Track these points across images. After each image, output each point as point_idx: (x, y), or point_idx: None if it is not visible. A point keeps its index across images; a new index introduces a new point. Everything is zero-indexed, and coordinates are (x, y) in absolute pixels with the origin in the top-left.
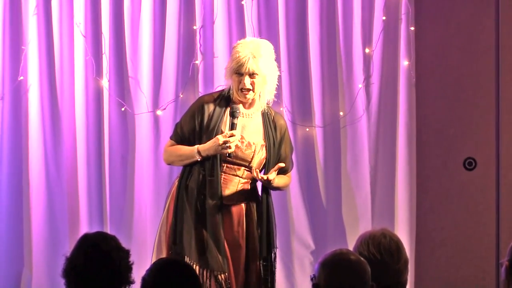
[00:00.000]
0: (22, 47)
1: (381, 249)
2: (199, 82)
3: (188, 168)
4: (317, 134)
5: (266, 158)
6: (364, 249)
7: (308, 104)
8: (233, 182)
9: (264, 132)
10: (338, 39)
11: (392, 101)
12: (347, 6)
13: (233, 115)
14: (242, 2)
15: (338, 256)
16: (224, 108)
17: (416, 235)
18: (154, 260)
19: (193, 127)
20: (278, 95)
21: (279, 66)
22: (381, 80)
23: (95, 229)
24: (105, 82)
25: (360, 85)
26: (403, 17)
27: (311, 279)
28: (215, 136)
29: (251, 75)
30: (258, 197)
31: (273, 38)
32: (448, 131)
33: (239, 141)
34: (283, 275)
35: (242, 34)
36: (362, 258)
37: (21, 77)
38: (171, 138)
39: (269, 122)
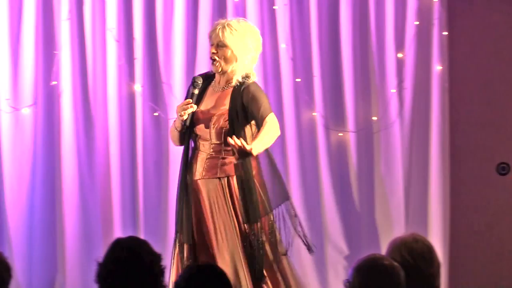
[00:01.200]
0: (55, 52)
1: (414, 254)
2: None
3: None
4: (350, 139)
5: (228, 128)
6: (397, 254)
7: (341, 109)
8: (202, 157)
9: (231, 103)
10: (371, 44)
11: (425, 106)
12: (379, 10)
13: (193, 85)
14: (274, 7)
15: (372, 261)
16: (207, 85)
17: (450, 240)
18: None
19: None
20: (311, 99)
21: (312, 71)
22: (414, 85)
23: (128, 234)
24: (138, 87)
25: (393, 90)
26: (436, 21)
27: (345, 285)
28: (195, 112)
29: (218, 44)
30: (240, 170)
31: (305, 43)
32: (482, 136)
33: (200, 113)
34: (317, 280)
35: (274, 39)
36: (395, 263)
37: (54, 82)
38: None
39: (235, 93)
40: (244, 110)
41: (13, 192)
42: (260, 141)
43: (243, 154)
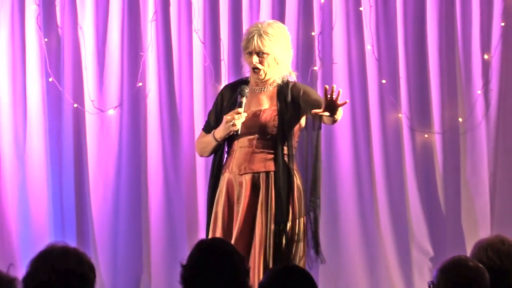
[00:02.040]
0: (141, 53)
1: (501, 255)
2: (318, 88)
3: (214, 157)
4: (436, 140)
5: (278, 123)
6: (483, 256)
7: (427, 110)
8: (245, 154)
9: (277, 99)
10: (457, 45)
11: (511, 107)
12: (465, 12)
13: (240, 93)
14: (361, 8)
15: (457, 263)
16: None
17: None
18: None
19: (216, 114)
20: (397, 101)
21: (397, 72)
22: (500, 86)
23: None
24: None
25: (479, 91)
26: None
27: (429, 286)
28: None
29: (259, 53)
30: (278, 166)
31: (391, 44)
32: None
33: (247, 112)
34: (402, 281)
35: (360, 40)
36: (480, 265)
37: (140, 83)
38: (202, 130)
39: (282, 90)
40: (293, 107)
41: (98, 193)
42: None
43: (331, 108)
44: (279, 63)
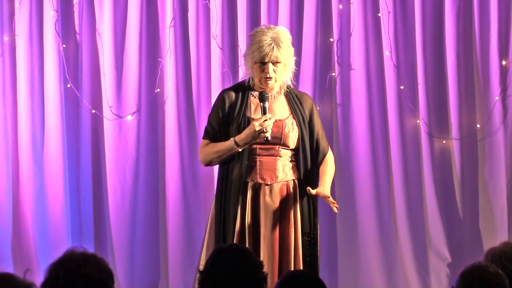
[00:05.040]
0: (159, 59)
1: None
2: (336, 94)
3: (226, 166)
4: (454, 146)
5: (299, 133)
6: (497, 265)
7: (445, 116)
8: (271, 163)
9: (290, 108)
10: (475, 51)
11: None
12: (483, 18)
13: (262, 99)
14: (379, 15)
15: (478, 269)
16: (246, 95)
17: None
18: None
19: (220, 119)
20: (415, 107)
21: (415, 78)
22: None
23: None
24: None
25: (496, 97)
26: None
27: None
28: (242, 123)
29: (274, 63)
30: (300, 174)
31: (409, 50)
32: None
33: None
34: (419, 287)
35: (379, 46)
36: (500, 271)
37: (158, 89)
38: (203, 138)
39: (293, 99)
40: (309, 118)
41: (116, 199)
42: (330, 182)
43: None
44: (286, 70)
